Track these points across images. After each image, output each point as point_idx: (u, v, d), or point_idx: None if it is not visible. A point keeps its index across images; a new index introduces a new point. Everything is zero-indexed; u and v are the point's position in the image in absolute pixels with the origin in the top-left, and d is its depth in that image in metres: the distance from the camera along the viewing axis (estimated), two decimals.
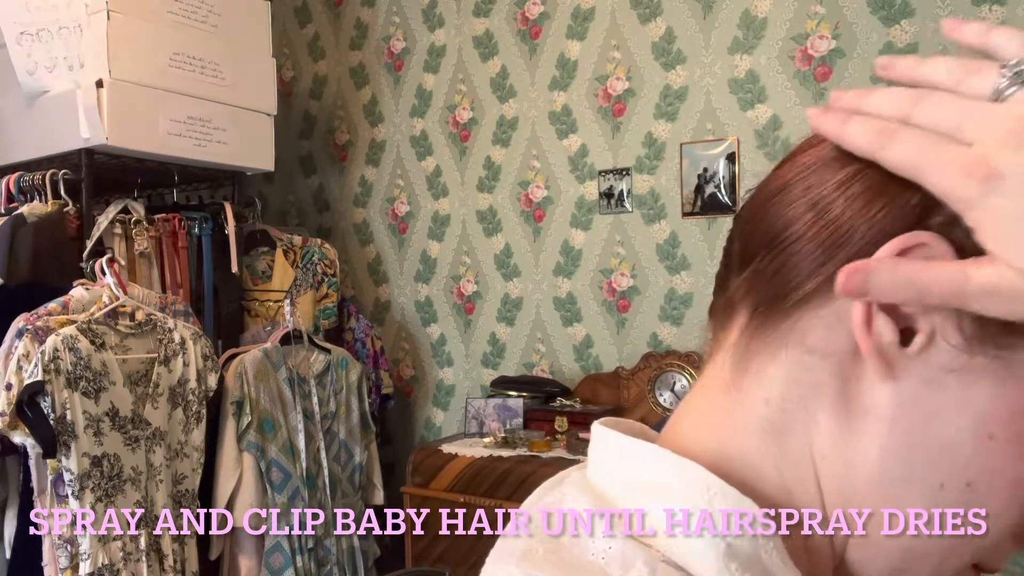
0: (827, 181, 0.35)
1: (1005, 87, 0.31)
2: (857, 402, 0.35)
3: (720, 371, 0.39)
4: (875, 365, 0.33)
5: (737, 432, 0.38)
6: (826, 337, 0.35)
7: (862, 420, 0.35)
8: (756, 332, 0.37)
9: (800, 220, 0.35)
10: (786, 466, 0.36)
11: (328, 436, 2.21)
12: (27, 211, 1.89)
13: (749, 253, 0.38)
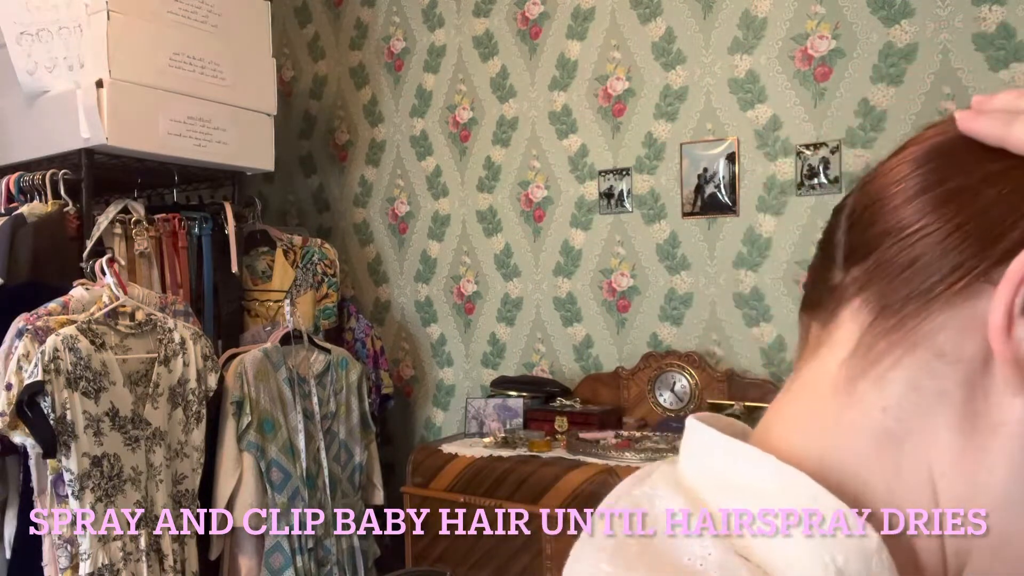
0: (971, 172, 0.33)
1: None
2: (986, 417, 0.32)
3: (827, 370, 0.36)
4: (1010, 376, 0.31)
5: (845, 440, 0.35)
6: (959, 342, 0.32)
7: (990, 437, 0.32)
8: (883, 332, 0.34)
9: (940, 210, 0.33)
10: (898, 482, 0.33)
11: (328, 436, 2.21)
12: (27, 211, 1.89)
13: (868, 243, 0.35)
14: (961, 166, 0.33)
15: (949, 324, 0.32)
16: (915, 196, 0.34)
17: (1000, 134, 0.32)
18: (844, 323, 0.36)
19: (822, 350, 0.37)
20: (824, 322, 0.37)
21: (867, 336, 0.35)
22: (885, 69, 2.01)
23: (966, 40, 1.90)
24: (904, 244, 0.33)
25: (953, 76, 1.92)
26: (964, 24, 1.90)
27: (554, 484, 1.93)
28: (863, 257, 0.35)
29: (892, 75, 2.00)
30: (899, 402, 0.33)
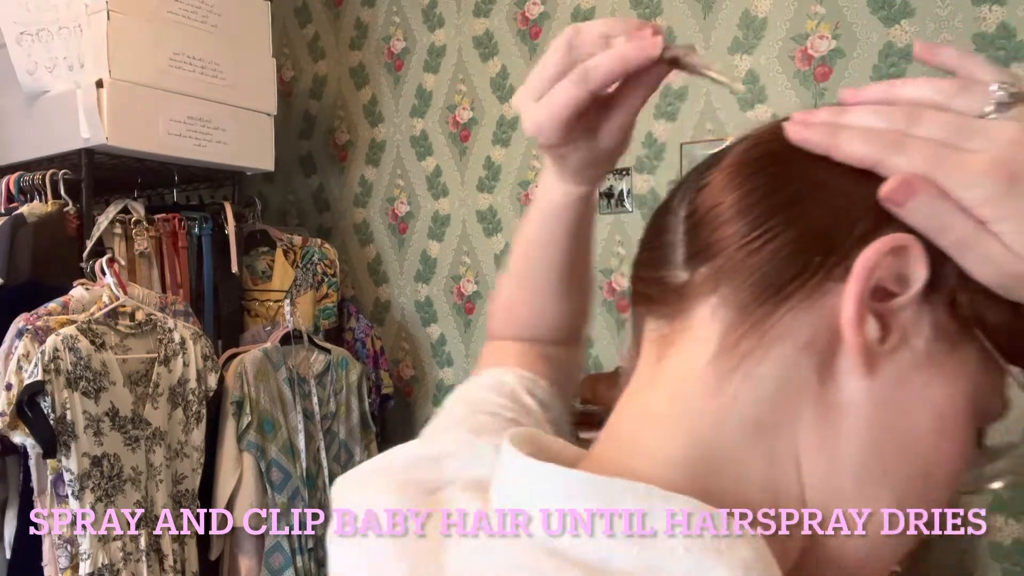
0: (809, 178, 0.36)
1: (993, 109, 0.35)
2: (836, 400, 0.35)
3: (693, 369, 0.38)
4: (859, 362, 0.35)
5: (727, 436, 0.36)
6: (813, 334, 0.35)
7: (840, 416, 0.35)
8: (747, 331, 0.36)
9: (785, 214, 0.36)
10: (773, 468, 0.36)
11: (328, 436, 2.21)
12: (27, 211, 1.89)
13: (716, 244, 0.37)
14: (800, 172, 0.36)
15: (804, 320, 0.35)
16: (761, 200, 0.36)
17: (828, 144, 0.36)
18: (702, 322, 0.38)
19: (676, 348, 0.39)
20: (670, 319, 0.39)
21: (730, 335, 0.36)
22: (885, 69, 2.01)
23: (966, 40, 1.90)
24: (755, 246, 0.36)
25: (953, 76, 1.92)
26: (964, 24, 1.90)
27: None
28: (711, 257, 0.37)
29: (892, 75, 2.00)
30: (769, 395, 0.36)
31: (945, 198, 0.33)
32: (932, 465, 0.36)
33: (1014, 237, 0.33)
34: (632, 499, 0.33)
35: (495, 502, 0.38)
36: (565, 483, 0.35)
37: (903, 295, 0.34)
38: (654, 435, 0.38)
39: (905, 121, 0.36)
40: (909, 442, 0.36)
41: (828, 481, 0.36)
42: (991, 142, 0.34)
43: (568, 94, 0.42)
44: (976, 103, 0.36)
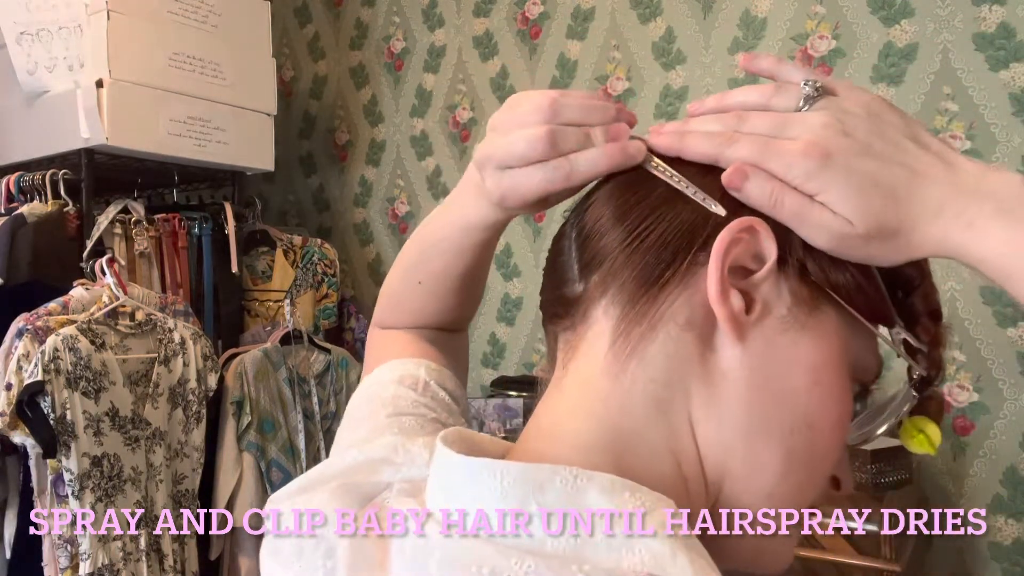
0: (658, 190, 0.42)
1: (805, 103, 0.42)
2: (717, 368, 0.40)
3: (595, 362, 0.41)
4: (729, 331, 0.39)
5: (631, 415, 0.40)
6: (690, 313, 0.40)
7: (722, 383, 0.40)
8: (634, 319, 0.40)
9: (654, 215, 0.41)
10: (672, 436, 0.40)
11: (328, 436, 2.21)
12: (27, 211, 1.89)
13: (600, 253, 0.42)
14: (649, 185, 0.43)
15: (680, 301, 0.40)
16: (631, 208, 0.42)
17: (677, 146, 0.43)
18: (597, 321, 0.42)
19: (580, 350, 0.43)
20: (574, 327, 0.44)
21: (621, 326, 0.41)
22: (885, 69, 2.01)
23: (966, 40, 1.90)
24: (631, 247, 0.41)
25: (953, 76, 1.92)
26: (964, 24, 1.90)
27: None
28: (599, 265, 0.42)
29: (892, 75, 2.00)
30: (662, 372, 0.40)
31: (772, 178, 0.40)
32: (813, 415, 0.40)
33: (837, 204, 0.38)
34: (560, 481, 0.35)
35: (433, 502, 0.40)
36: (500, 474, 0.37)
37: (760, 270, 0.40)
38: (571, 424, 0.41)
39: (735, 121, 0.42)
40: (787, 396, 0.40)
41: (720, 442, 0.40)
42: (805, 129, 0.40)
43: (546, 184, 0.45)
44: (791, 100, 0.43)
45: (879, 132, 0.40)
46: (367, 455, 0.47)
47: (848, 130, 0.40)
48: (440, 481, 0.40)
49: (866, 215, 0.38)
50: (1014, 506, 1.83)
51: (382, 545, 0.38)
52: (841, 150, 0.39)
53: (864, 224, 0.38)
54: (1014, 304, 1.80)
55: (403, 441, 0.47)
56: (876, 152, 0.39)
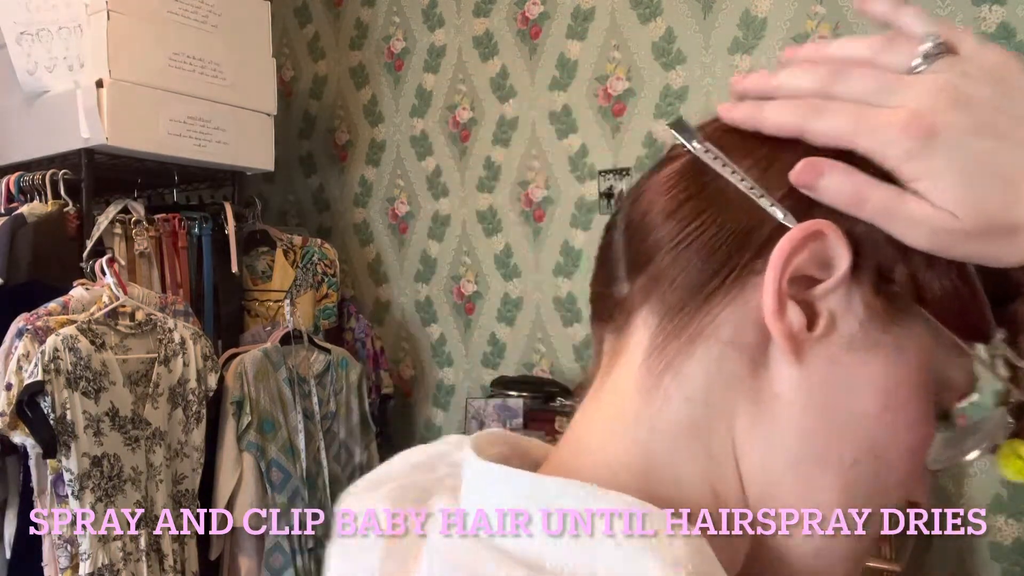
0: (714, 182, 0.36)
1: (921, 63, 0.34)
2: (769, 390, 0.35)
3: (630, 375, 0.38)
4: (785, 350, 0.34)
5: (662, 436, 0.36)
6: (740, 329, 0.35)
7: (774, 406, 0.35)
8: (672, 332, 0.36)
9: (701, 216, 0.36)
10: (711, 463, 0.36)
11: (328, 436, 2.21)
12: (27, 211, 1.89)
13: (644, 254, 0.38)
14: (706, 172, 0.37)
15: (728, 316, 0.35)
16: (680, 205, 0.37)
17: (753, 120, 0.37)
18: (637, 330, 0.38)
19: (620, 359, 0.39)
20: (617, 333, 0.40)
21: (657, 338, 0.37)
22: None
23: None
24: (675, 251, 0.36)
25: None
26: (964, 24, 1.90)
27: None
28: (642, 268, 0.38)
29: None
30: (702, 391, 0.36)
31: (853, 171, 0.33)
32: (881, 444, 0.35)
33: (936, 193, 0.32)
34: (571, 498, 0.33)
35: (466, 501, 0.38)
36: (512, 484, 0.35)
37: (827, 280, 0.34)
38: (599, 438, 0.38)
39: (830, 78, 0.35)
40: (850, 422, 0.35)
41: (766, 473, 0.36)
42: (912, 96, 0.33)
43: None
44: (904, 57, 0.35)
45: (1005, 104, 0.33)
46: (427, 452, 0.46)
47: (964, 100, 0.33)
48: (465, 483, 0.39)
49: (974, 207, 0.32)
50: (1014, 506, 1.83)
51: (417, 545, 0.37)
52: (951, 125, 0.32)
53: (971, 218, 0.32)
54: None
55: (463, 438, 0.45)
56: (997, 129, 0.32)
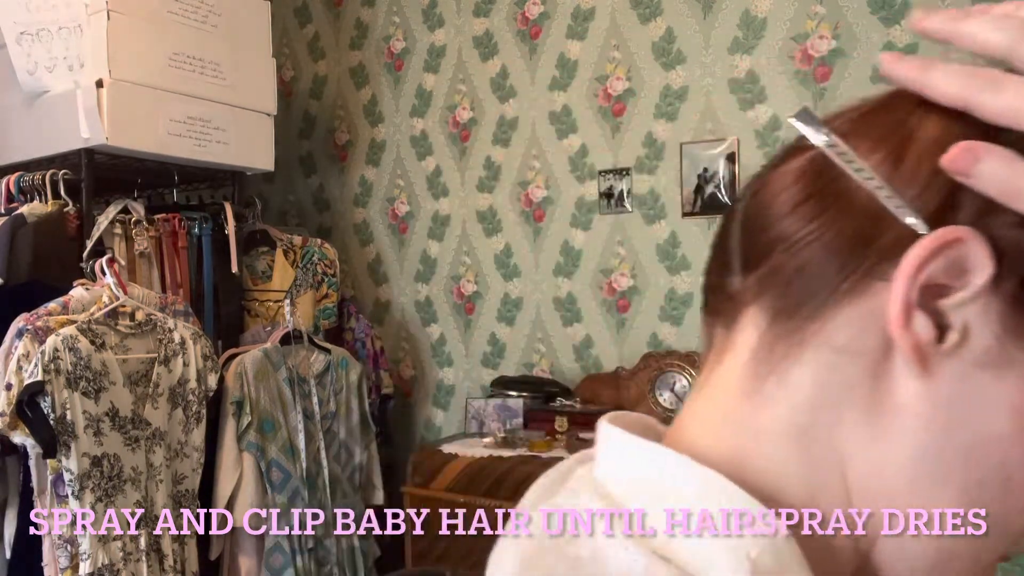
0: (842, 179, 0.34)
1: None
2: (889, 402, 0.33)
3: (734, 374, 0.37)
4: (911, 362, 0.32)
5: (759, 439, 0.35)
6: (858, 336, 0.33)
7: (894, 419, 0.33)
8: (782, 335, 0.35)
9: (823, 215, 0.34)
10: (812, 472, 0.35)
11: (328, 436, 2.21)
12: (27, 211, 1.89)
13: (761, 250, 0.36)
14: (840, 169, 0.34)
15: (845, 321, 0.33)
16: (801, 202, 0.35)
17: (918, 79, 0.33)
18: (744, 328, 0.37)
19: (727, 355, 0.38)
20: (727, 327, 0.38)
21: (765, 339, 0.36)
22: None
23: None
24: (792, 251, 0.34)
25: None
26: None
27: None
28: (757, 264, 0.36)
29: None
30: (809, 398, 0.34)
31: (1016, 159, 0.30)
32: (1013, 466, 0.33)
33: None
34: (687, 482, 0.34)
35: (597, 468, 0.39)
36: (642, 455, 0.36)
37: (962, 290, 0.32)
38: (696, 432, 0.38)
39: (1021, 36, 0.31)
40: (978, 444, 0.33)
41: (879, 485, 0.34)
42: None
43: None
44: None
45: None
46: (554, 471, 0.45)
47: None
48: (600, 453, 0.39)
49: None
50: None
51: None
52: None
53: None
54: None
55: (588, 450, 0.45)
56: None
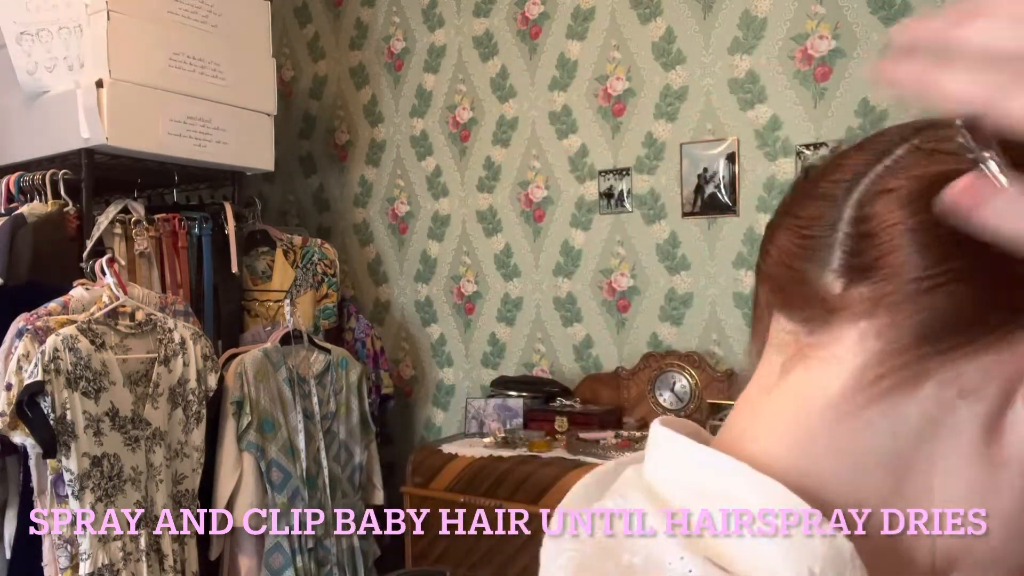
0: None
1: None
2: (999, 452, 0.33)
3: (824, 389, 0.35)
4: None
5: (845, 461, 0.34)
6: (981, 382, 0.32)
7: (1003, 470, 0.33)
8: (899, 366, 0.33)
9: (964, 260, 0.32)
10: (898, 499, 0.34)
11: (328, 436, 2.21)
12: (27, 211, 1.89)
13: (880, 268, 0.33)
14: None
15: (972, 368, 0.32)
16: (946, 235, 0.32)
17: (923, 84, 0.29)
18: (847, 342, 0.35)
19: (813, 363, 0.36)
20: (810, 328, 0.36)
21: (877, 366, 0.34)
22: None
23: None
24: (928, 285, 0.32)
25: None
26: None
27: (554, 484, 1.93)
28: (875, 279, 0.34)
29: None
30: (913, 431, 0.34)
31: None
32: None
33: None
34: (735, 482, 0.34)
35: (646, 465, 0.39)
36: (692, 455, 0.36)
37: None
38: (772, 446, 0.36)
39: None
40: None
41: None
42: None
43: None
44: None
45: None
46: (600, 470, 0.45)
47: None
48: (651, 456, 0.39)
49: None
50: None
51: None
52: None
53: None
54: None
55: None
56: None
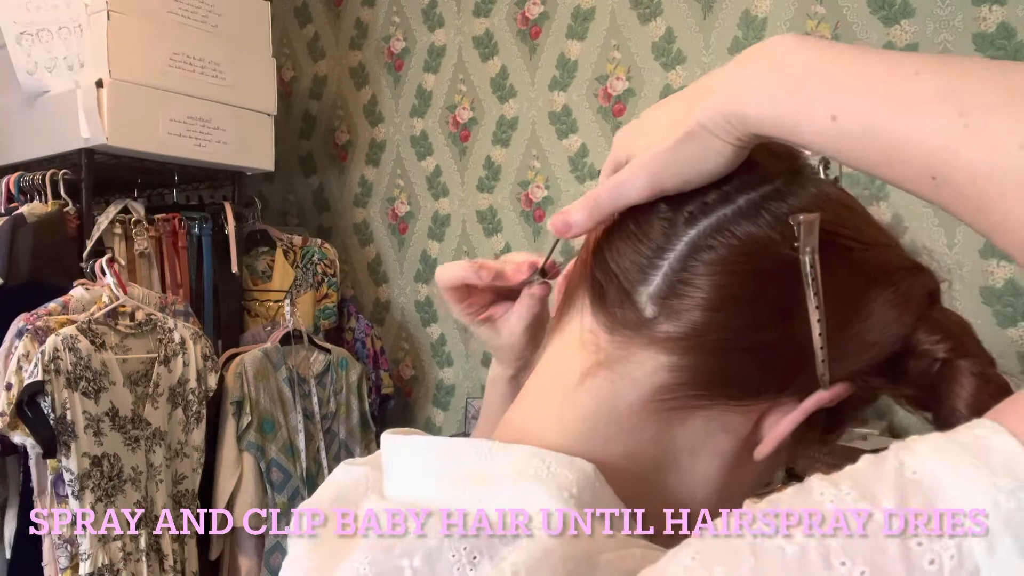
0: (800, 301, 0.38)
1: None
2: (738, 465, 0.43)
3: (609, 400, 0.41)
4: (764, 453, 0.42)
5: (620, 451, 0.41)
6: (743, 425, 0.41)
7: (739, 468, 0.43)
8: (680, 400, 0.40)
9: (761, 330, 0.40)
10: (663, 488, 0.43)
11: (328, 436, 2.21)
12: (27, 211, 1.89)
13: (688, 303, 0.40)
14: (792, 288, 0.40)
15: (741, 412, 0.41)
16: (750, 300, 0.39)
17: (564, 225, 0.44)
18: (646, 368, 0.41)
19: (607, 375, 0.41)
20: (612, 337, 0.41)
21: (663, 394, 0.40)
22: None
23: (966, 40, 1.90)
24: (722, 348, 0.39)
25: None
26: (964, 24, 1.90)
27: None
28: (683, 321, 0.40)
29: None
30: (678, 448, 0.41)
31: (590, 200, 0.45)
32: None
33: None
34: (474, 451, 0.38)
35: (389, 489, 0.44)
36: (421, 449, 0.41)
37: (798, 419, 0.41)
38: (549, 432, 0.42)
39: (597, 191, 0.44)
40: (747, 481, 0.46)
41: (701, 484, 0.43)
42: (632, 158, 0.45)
43: (461, 272, 0.53)
44: None
45: None
46: None
47: None
48: (388, 465, 0.44)
49: None
50: None
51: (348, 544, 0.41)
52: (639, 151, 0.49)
53: None
54: (1014, 304, 1.80)
55: None
56: None
